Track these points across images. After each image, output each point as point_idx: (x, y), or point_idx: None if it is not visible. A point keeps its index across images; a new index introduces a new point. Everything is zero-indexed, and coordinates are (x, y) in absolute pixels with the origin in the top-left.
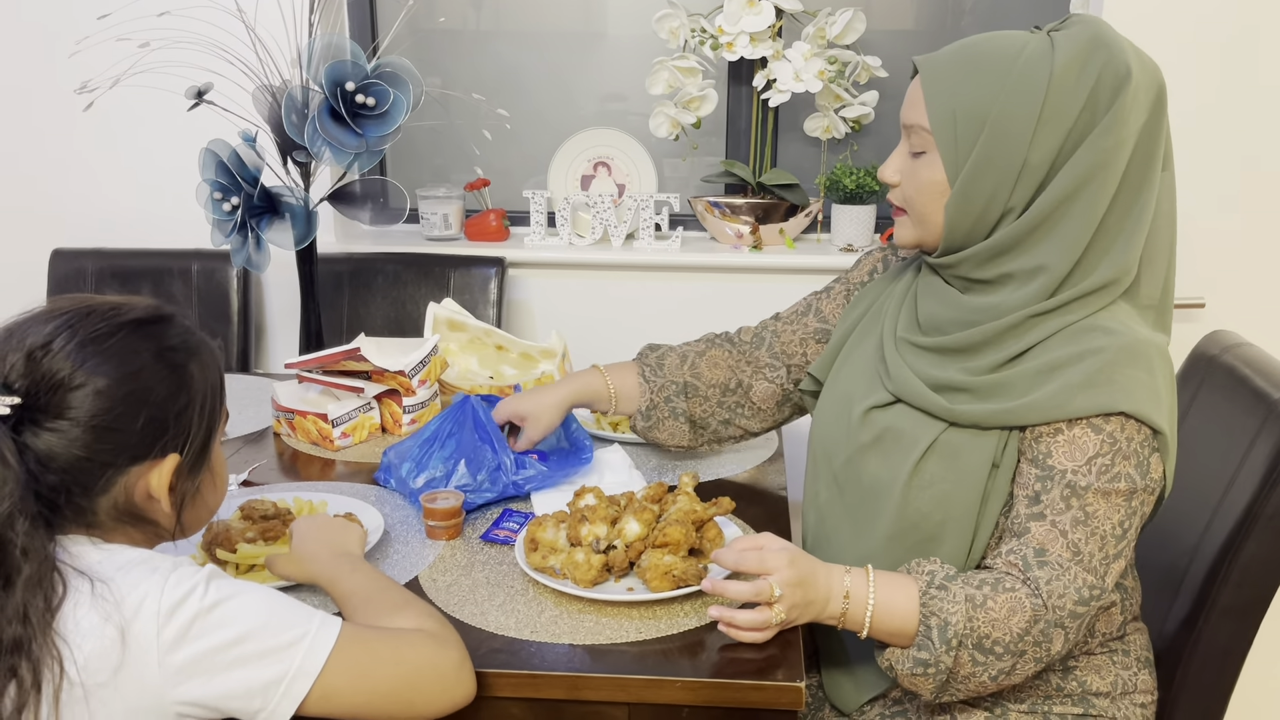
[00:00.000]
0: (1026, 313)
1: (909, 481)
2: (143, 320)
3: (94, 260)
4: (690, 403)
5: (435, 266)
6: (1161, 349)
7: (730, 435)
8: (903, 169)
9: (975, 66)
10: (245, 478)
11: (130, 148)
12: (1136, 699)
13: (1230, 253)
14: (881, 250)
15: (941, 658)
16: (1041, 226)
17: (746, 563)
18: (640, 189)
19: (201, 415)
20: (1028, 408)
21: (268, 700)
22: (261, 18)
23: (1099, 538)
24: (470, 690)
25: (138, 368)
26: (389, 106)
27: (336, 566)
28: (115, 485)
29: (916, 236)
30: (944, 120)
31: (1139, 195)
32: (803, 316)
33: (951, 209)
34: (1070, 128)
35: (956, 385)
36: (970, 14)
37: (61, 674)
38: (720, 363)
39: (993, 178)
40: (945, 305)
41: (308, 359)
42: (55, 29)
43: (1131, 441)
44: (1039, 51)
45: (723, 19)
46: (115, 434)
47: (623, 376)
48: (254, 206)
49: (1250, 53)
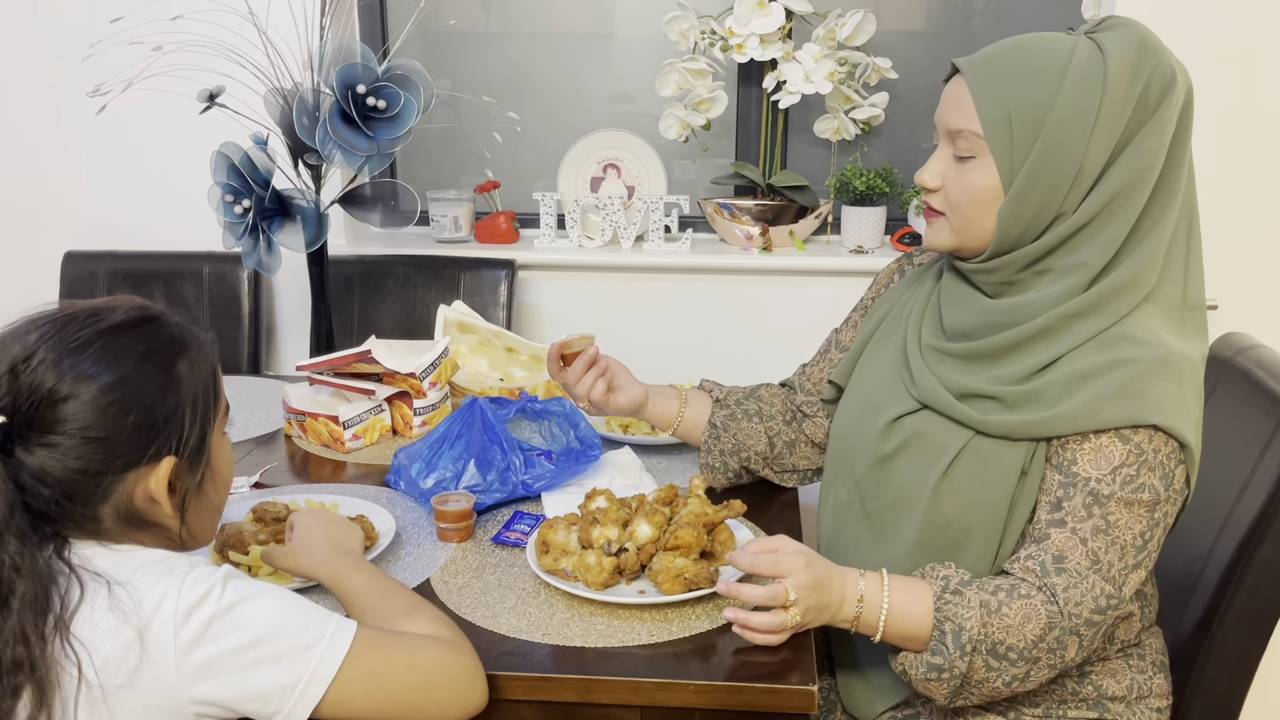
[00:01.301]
0: (1056, 313)
1: (937, 487)
2: (124, 324)
3: (106, 263)
4: (762, 414)
5: (445, 269)
6: (1192, 361)
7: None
8: (945, 173)
9: (1027, 69)
10: (257, 479)
11: (142, 151)
12: (1152, 703)
13: (1244, 255)
14: (896, 263)
15: (955, 663)
16: (1088, 227)
17: (762, 565)
18: (650, 191)
19: (194, 414)
20: (1057, 418)
21: (283, 703)
22: (273, 21)
23: (1119, 547)
24: (483, 698)
25: (123, 374)
26: (399, 109)
27: (339, 563)
28: (114, 492)
29: (957, 241)
30: (998, 123)
31: (1169, 194)
32: (825, 354)
33: (1006, 214)
34: (1122, 130)
35: (985, 394)
36: (981, 15)
37: (80, 677)
38: (779, 395)
39: (1049, 182)
40: (972, 311)
41: (319, 361)
42: (68, 33)
43: (1159, 453)
44: (1090, 54)
45: (733, 21)
46: (107, 443)
47: (691, 415)
48: (265, 209)
49: (1266, 55)
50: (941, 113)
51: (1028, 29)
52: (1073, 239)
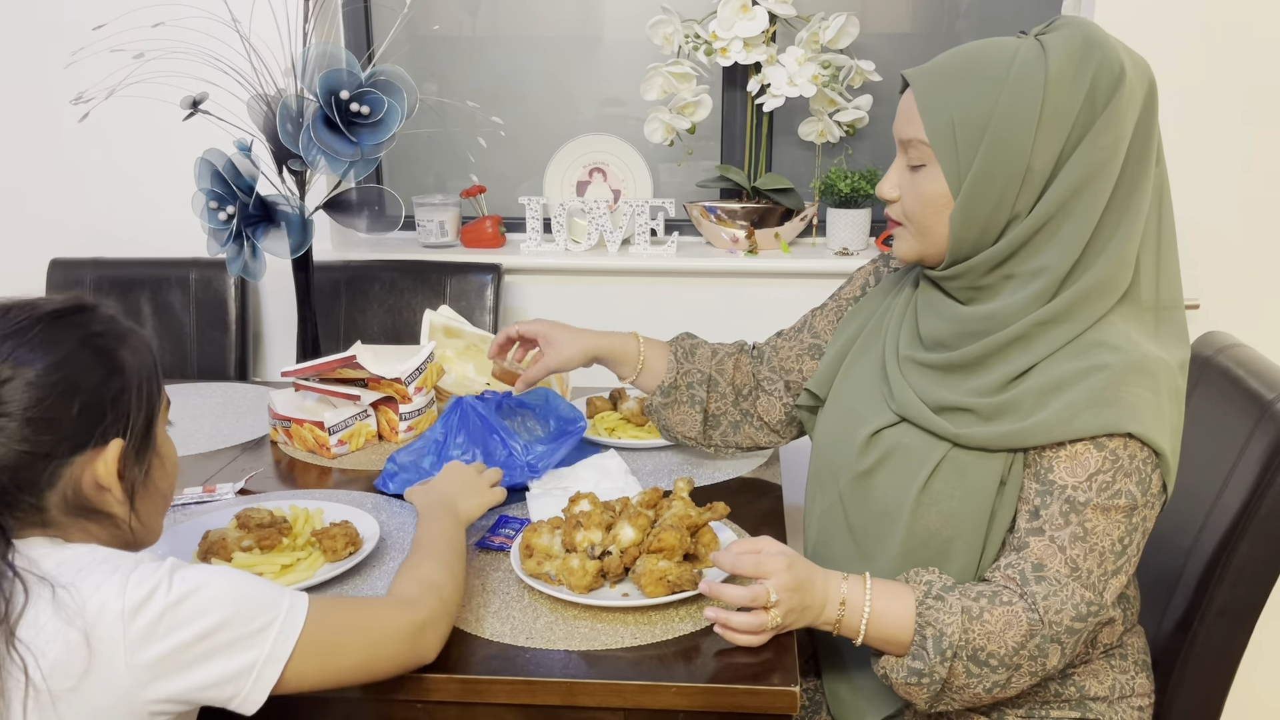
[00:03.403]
0: (1030, 320)
1: (918, 499)
2: (62, 310)
3: (92, 270)
4: (710, 396)
5: (431, 273)
6: (1168, 365)
7: (739, 442)
8: (901, 183)
9: (969, 75)
10: (242, 485)
11: (126, 158)
12: (1134, 702)
13: (1226, 255)
14: (873, 263)
15: (936, 668)
16: (1045, 228)
17: (743, 566)
18: (635, 194)
19: (140, 398)
20: (1033, 428)
21: (240, 687)
22: (256, 27)
23: (1097, 554)
24: (426, 652)
25: (64, 355)
26: (383, 114)
27: (431, 513)
28: (61, 478)
29: (918, 250)
30: (942, 131)
31: (1134, 192)
32: (799, 333)
33: (956, 220)
34: (1070, 129)
35: (961, 406)
36: (965, 16)
37: (27, 682)
38: (743, 368)
39: (997, 185)
40: (946, 320)
41: (304, 367)
42: (50, 40)
43: (1134, 459)
44: (1032, 55)
45: (716, 24)
46: (52, 424)
47: (655, 350)
48: (249, 215)
49: (1246, 53)
50: (895, 125)
51: (1011, 31)
52: (1032, 241)
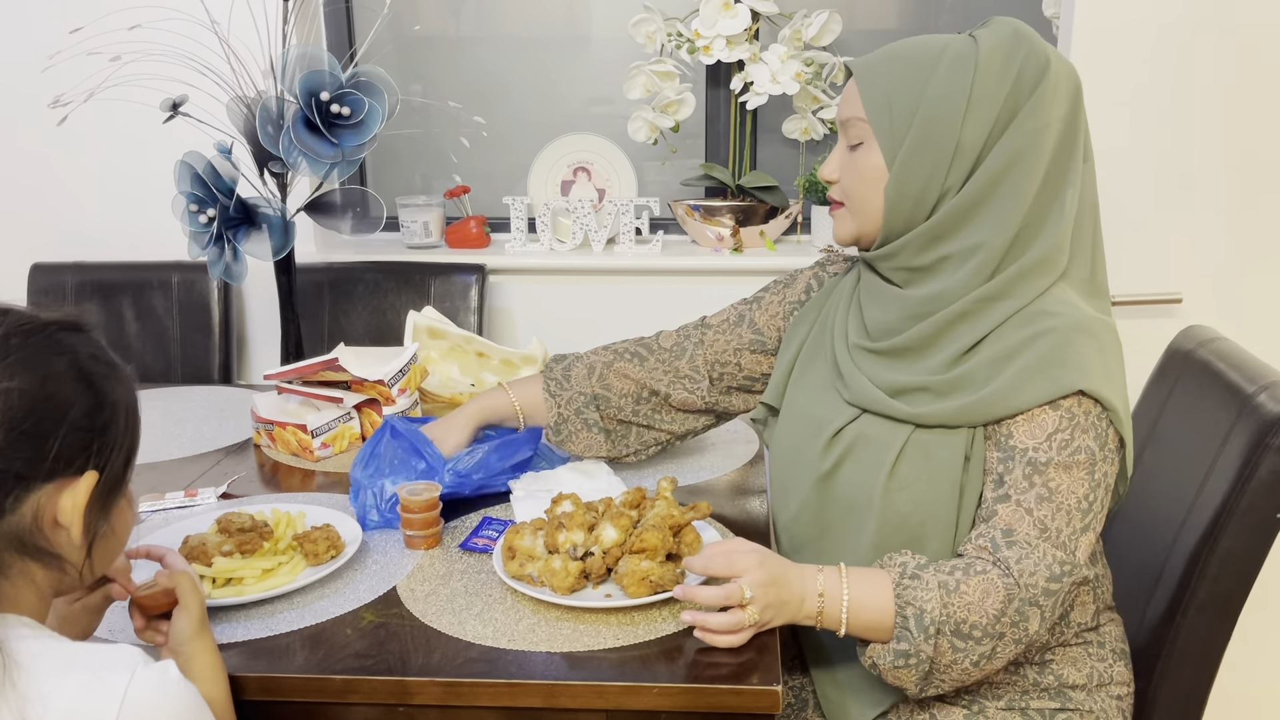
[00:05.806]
0: (973, 297)
1: (886, 486)
2: (63, 325)
3: (73, 274)
4: (602, 414)
5: (415, 274)
6: (1109, 325)
7: (655, 441)
8: (842, 164)
9: (906, 59)
10: (224, 490)
11: (106, 161)
12: (1112, 690)
13: (1207, 248)
14: (814, 268)
15: (921, 646)
16: (976, 206)
17: (715, 566)
18: (620, 193)
19: (125, 433)
20: (989, 397)
21: None
22: (235, 29)
23: (1065, 513)
24: None
25: (57, 372)
26: (364, 116)
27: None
28: (24, 504)
29: (855, 228)
30: (879, 107)
31: (1064, 178)
32: (735, 327)
33: (891, 191)
34: (999, 111)
35: (916, 386)
36: (949, 11)
37: None
38: (630, 374)
39: (929, 158)
40: (890, 306)
41: (286, 370)
42: (27, 43)
43: (1089, 415)
44: (964, 44)
45: (699, 22)
46: (35, 441)
47: (528, 392)
48: (230, 218)
49: (1228, 49)
50: (838, 110)
51: None
52: (964, 219)
